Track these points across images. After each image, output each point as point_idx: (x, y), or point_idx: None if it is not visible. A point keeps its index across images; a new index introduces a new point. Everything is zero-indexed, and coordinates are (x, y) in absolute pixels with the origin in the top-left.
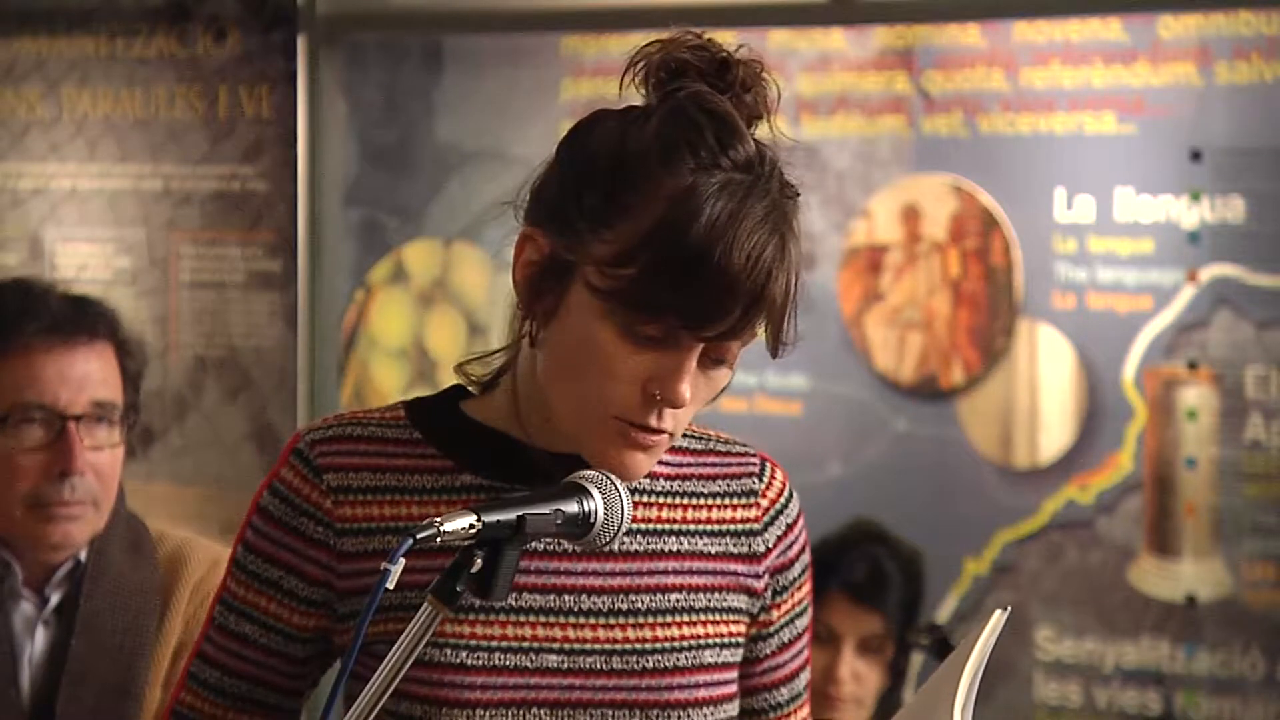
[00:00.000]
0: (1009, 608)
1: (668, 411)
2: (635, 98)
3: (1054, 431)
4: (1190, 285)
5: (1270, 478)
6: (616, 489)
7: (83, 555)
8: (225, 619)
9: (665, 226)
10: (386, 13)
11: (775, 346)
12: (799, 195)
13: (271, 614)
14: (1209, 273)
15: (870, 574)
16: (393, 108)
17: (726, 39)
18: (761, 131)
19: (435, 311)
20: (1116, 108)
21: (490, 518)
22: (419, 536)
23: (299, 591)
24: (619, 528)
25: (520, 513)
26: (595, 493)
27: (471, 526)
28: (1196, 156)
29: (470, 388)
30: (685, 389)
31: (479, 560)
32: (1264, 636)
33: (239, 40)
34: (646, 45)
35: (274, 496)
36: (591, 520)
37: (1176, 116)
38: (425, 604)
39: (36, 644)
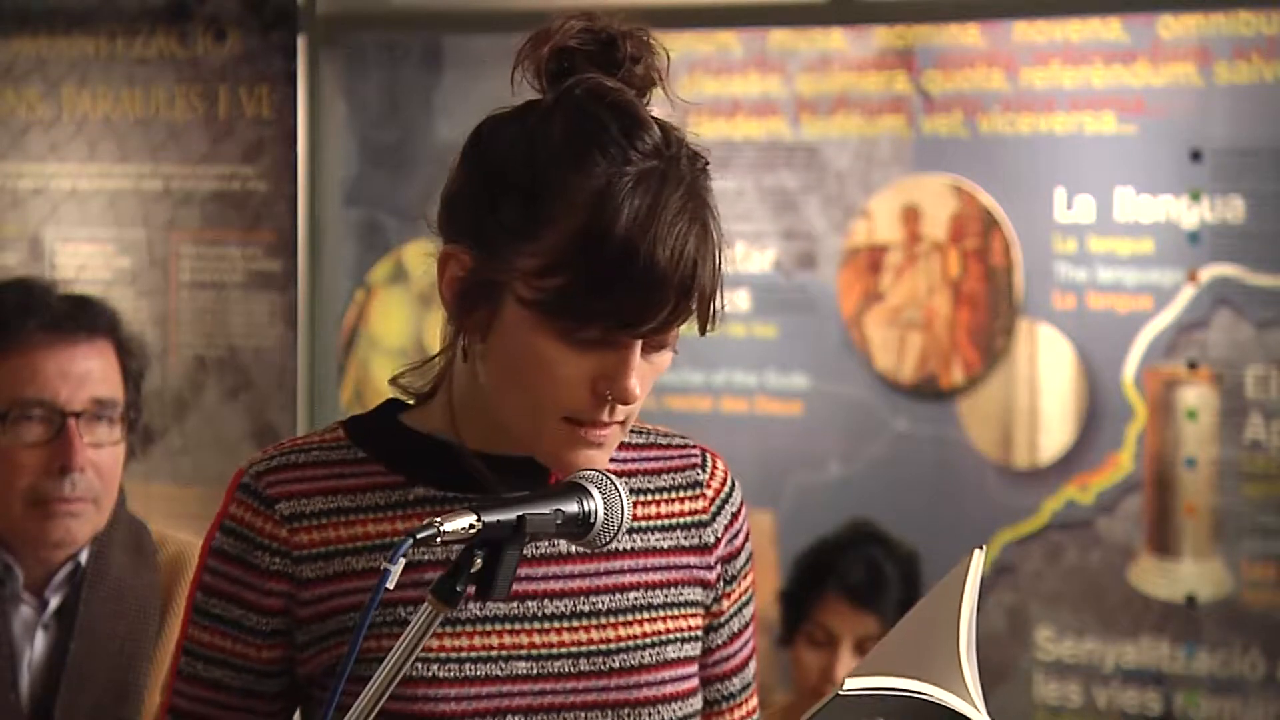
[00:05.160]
0: (984, 546)
1: (620, 405)
2: (527, 92)
3: (1054, 431)
4: (1190, 285)
5: (1270, 478)
6: (616, 489)
7: (83, 558)
8: (193, 668)
9: (586, 233)
10: (386, 13)
11: (704, 325)
12: (708, 163)
13: (239, 654)
14: (1209, 273)
15: (867, 576)
16: (393, 108)
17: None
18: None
19: (435, 311)
20: (1116, 108)
21: (490, 518)
22: (419, 536)
23: (262, 627)
24: (619, 527)
25: (520, 512)
26: (595, 492)
27: (471, 526)
28: (1196, 156)
29: (408, 400)
30: (634, 384)
31: (479, 560)
32: (1264, 636)
33: (239, 40)
34: (531, 38)
35: (227, 535)
36: (591, 520)
37: (1176, 116)
38: (425, 604)
39: (36, 648)
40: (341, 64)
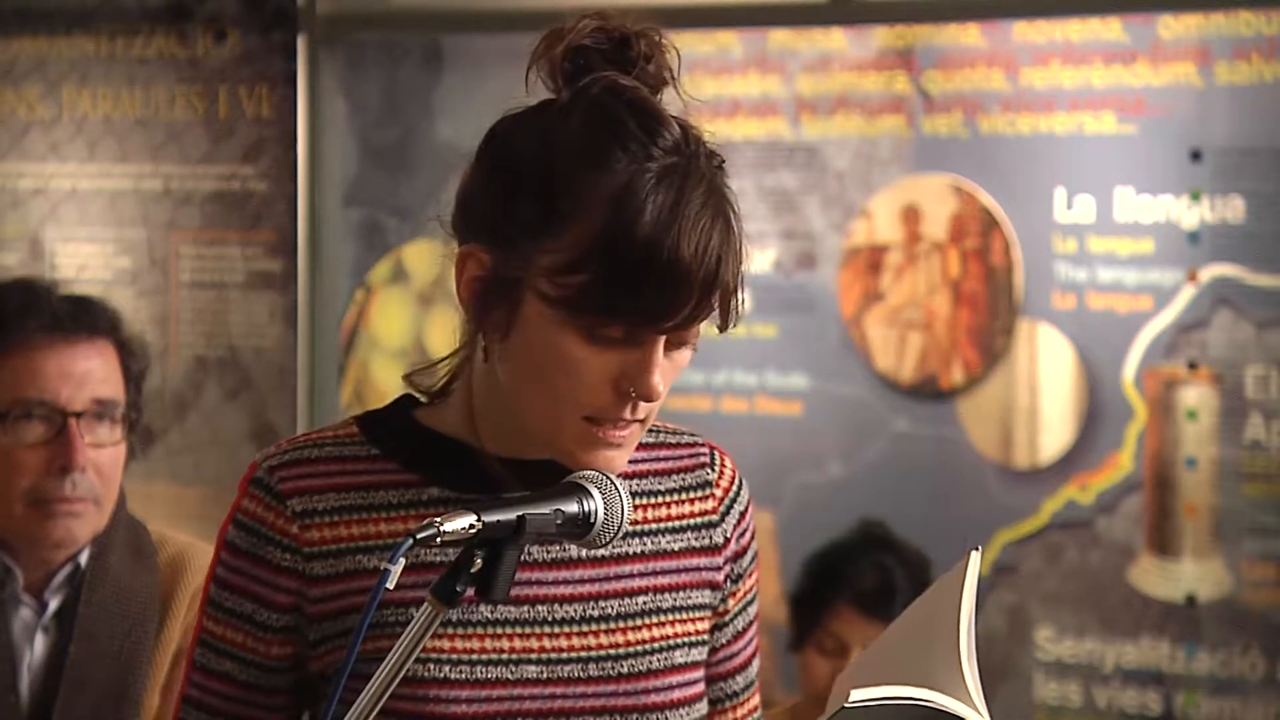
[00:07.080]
0: (979, 547)
1: (641, 402)
2: (540, 93)
3: (1054, 431)
4: (1190, 285)
5: (1270, 478)
6: (616, 489)
7: (82, 560)
8: (205, 659)
9: (610, 229)
10: (386, 13)
11: (726, 322)
12: (724, 161)
13: (249, 649)
14: (1209, 273)
15: (878, 585)
16: (393, 108)
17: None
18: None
19: (435, 311)
20: (1116, 108)
21: (490, 517)
22: (419, 536)
23: (272, 622)
24: (619, 527)
25: (520, 512)
26: (595, 492)
27: (471, 526)
28: (1196, 156)
29: (420, 397)
30: (657, 381)
31: (479, 560)
32: (1264, 636)
33: (239, 40)
34: (545, 37)
35: (239, 529)
36: (591, 520)
37: (1176, 116)
38: (425, 604)
39: (36, 649)
40: (341, 64)
